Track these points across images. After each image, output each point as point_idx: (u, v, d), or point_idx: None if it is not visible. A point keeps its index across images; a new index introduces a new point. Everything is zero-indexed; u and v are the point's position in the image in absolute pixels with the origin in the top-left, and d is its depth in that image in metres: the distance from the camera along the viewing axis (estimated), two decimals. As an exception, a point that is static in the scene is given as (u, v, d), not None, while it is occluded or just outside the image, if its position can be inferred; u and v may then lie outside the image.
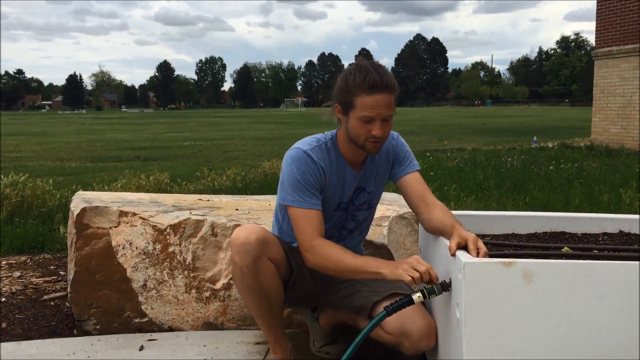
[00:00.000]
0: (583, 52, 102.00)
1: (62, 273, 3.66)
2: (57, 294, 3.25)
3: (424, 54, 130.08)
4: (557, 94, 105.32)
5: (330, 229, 2.26)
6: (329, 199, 2.18)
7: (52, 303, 3.13)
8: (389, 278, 1.87)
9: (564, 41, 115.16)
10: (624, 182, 7.59)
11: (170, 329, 2.76)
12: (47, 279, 3.55)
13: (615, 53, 13.85)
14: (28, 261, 3.94)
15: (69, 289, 2.81)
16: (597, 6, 14.33)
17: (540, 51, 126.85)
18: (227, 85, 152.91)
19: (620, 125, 14.03)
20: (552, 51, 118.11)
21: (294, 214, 2.07)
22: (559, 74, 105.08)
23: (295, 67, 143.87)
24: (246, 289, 2.10)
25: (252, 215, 2.91)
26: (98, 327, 2.74)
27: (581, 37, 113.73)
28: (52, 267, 3.82)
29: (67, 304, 3.04)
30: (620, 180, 7.93)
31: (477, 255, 1.78)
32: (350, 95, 2.01)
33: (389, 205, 3.11)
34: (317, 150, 2.13)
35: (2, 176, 5.55)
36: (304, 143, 2.15)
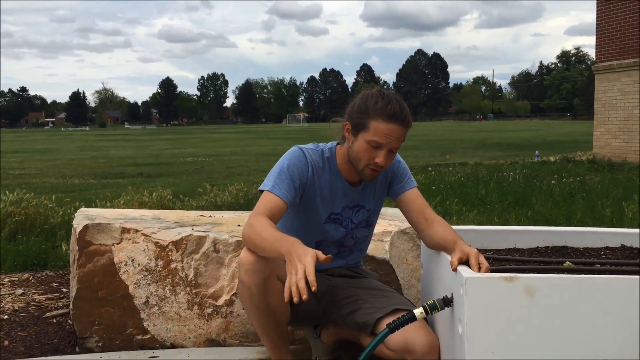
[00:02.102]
0: (584, 66, 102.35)
1: (64, 290, 3.66)
2: (60, 311, 3.24)
3: (426, 69, 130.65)
4: (559, 108, 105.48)
5: (327, 243, 2.27)
6: (317, 206, 2.19)
7: (54, 320, 3.13)
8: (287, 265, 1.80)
9: (564, 56, 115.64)
10: (627, 196, 7.58)
11: (173, 346, 2.75)
12: (49, 296, 3.55)
13: (616, 67, 13.91)
14: (30, 278, 3.94)
15: (71, 306, 2.81)
16: (597, 21, 14.41)
17: (541, 66, 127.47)
18: (230, 101, 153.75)
19: (622, 138, 14.05)
20: (553, 66, 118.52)
21: (261, 196, 2.09)
22: (560, 88, 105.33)
23: (297, 83, 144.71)
24: (254, 308, 2.09)
25: (254, 231, 2.91)
26: (100, 344, 2.74)
27: (582, 51, 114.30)
28: (54, 284, 3.82)
29: (69, 321, 3.03)
30: (623, 194, 7.93)
31: (479, 270, 1.78)
32: (366, 117, 2.04)
33: (391, 221, 3.11)
34: (313, 152, 2.19)
35: (7, 192, 5.57)
36: (305, 145, 2.23)
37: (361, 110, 2.06)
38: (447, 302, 1.82)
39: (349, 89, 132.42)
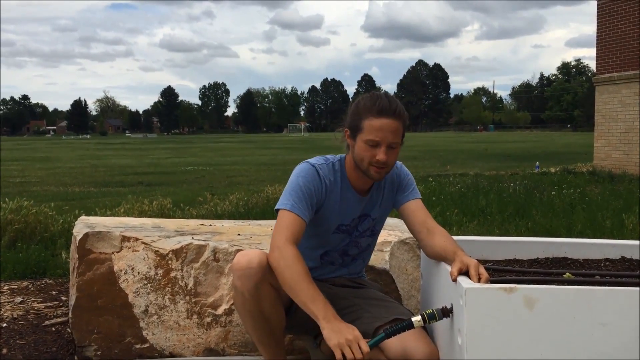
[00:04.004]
0: (584, 78, 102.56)
1: (63, 298, 3.65)
2: (59, 320, 3.24)
3: (426, 80, 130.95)
4: (559, 120, 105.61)
5: (332, 253, 2.27)
6: (328, 219, 2.20)
7: (53, 329, 3.12)
8: (322, 331, 1.86)
9: (565, 67, 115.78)
10: (627, 208, 7.57)
11: (172, 355, 2.74)
12: (48, 304, 3.54)
13: (616, 79, 13.94)
14: (30, 286, 3.93)
15: (70, 315, 2.81)
16: (598, 33, 14.46)
17: (542, 77, 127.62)
18: (231, 110, 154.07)
19: (622, 150, 14.05)
20: (554, 77, 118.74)
21: (281, 215, 2.08)
22: (560, 100, 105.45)
23: (298, 93, 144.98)
24: (248, 315, 2.10)
25: (254, 241, 2.92)
26: (99, 353, 2.73)
27: (582, 63, 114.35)
28: (53, 292, 3.82)
29: (68, 329, 3.03)
30: (623, 205, 7.92)
31: (479, 281, 1.78)
32: (359, 118, 2.08)
33: (391, 231, 3.11)
34: (324, 167, 2.19)
35: (7, 200, 5.57)
36: (314, 159, 2.22)
37: (354, 113, 2.11)
38: (446, 312, 1.82)
39: (350, 99, 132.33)
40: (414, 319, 1.84)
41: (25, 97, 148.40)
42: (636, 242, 2.40)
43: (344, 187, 2.21)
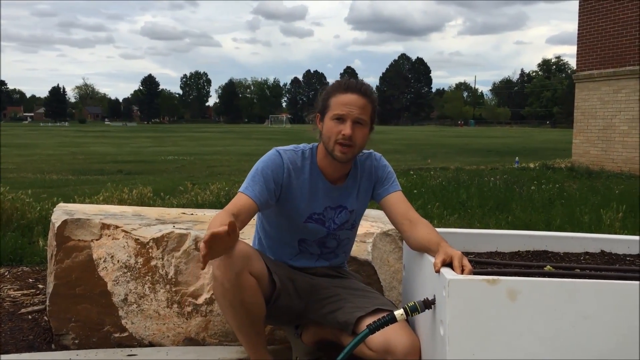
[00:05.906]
0: (564, 75, 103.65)
1: (40, 286, 3.60)
2: (35, 308, 3.19)
3: (409, 74, 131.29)
4: (539, 116, 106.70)
5: (309, 242, 2.27)
6: (298, 207, 2.20)
7: (30, 317, 3.08)
8: None
9: (545, 64, 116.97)
10: (605, 204, 7.67)
11: (151, 344, 2.71)
12: (25, 292, 3.49)
13: (596, 76, 14.11)
14: (6, 274, 3.87)
15: (47, 303, 2.76)
16: (579, 30, 14.61)
17: (523, 73, 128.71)
18: (212, 100, 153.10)
19: (600, 147, 14.25)
20: (534, 74, 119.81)
21: (234, 197, 2.14)
22: (540, 96, 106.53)
23: (281, 84, 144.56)
24: (228, 305, 2.08)
25: (236, 230, 2.89)
26: (77, 341, 2.70)
27: (562, 60, 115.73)
28: (30, 280, 3.76)
29: (45, 317, 2.98)
30: (601, 201, 8.03)
31: (462, 272, 1.78)
32: (327, 98, 2.14)
33: (374, 222, 3.11)
34: (290, 153, 2.22)
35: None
36: (283, 147, 2.26)
37: (323, 96, 2.18)
38: (428, 304, 1.83)
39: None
40: (396, 312, 1.84)
41: (2, 83, 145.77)
42: (615, 236, 2.43)
43: (313, 174, 2.21)
